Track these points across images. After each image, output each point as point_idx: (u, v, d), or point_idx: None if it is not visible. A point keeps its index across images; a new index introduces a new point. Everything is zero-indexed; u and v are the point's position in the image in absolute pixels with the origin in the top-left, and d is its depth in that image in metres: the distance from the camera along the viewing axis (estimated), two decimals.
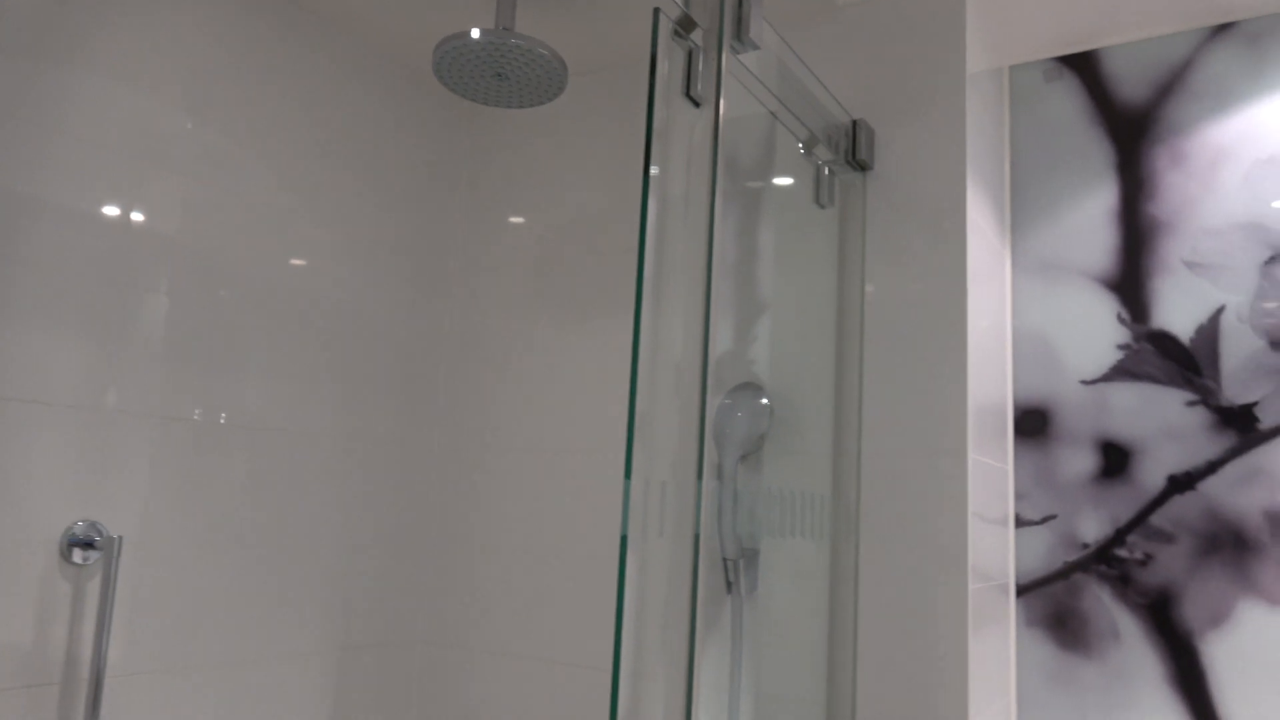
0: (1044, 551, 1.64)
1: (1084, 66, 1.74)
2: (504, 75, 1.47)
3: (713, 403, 1.57)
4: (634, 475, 1.01)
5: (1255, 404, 1.52)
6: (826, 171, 1.50)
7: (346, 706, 1.78)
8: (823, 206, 1.50)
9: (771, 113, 1.42)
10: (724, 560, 1.51)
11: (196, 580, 1.54)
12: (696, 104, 1.15)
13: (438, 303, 2.02)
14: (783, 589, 1.53)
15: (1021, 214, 1.75)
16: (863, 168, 1.54)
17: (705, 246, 1.11)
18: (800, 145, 1.48)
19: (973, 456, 1.48)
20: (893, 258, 1.53)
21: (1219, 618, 1.50)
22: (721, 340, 1.59)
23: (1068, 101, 1.74)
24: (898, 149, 1.55)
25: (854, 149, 1.51)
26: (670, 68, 1.14)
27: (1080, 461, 1.63)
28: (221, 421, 1.60)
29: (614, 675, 0.96)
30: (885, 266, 1.53)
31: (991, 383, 1.63)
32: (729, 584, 1.51)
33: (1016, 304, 1.73)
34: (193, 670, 1.52)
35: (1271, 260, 1.54)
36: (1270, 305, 1.52)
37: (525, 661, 1.81)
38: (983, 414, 1.56)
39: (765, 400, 1.55)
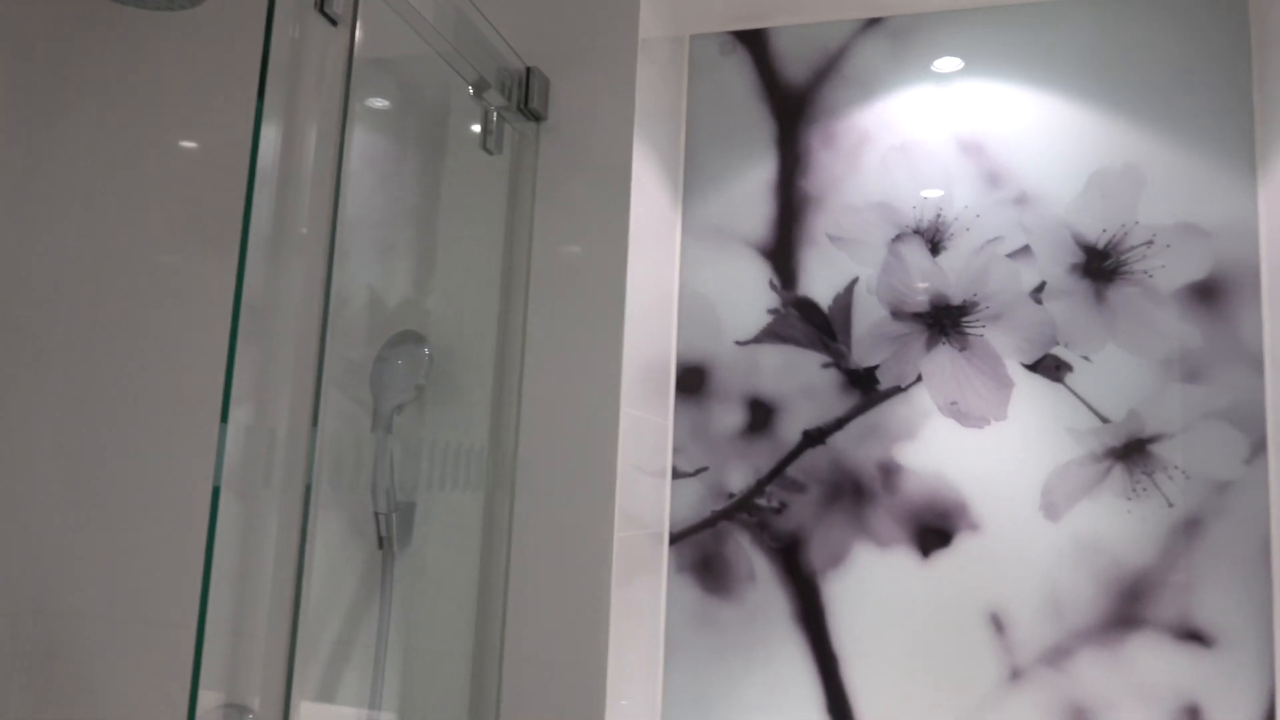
0: (695, 501, 1.74)
1: (755, 44, 1.83)
2: None
3: (370, 350, 1.50)
4: (233, 422, 0.93)
5: (877, 367, 1.69)
6: (496, 117, 1.46)
7: None
8: (491, 153, 1.47)
9: (438, 53, 1.36)
10: (375, 515, 1.45)
11: None
12: (333, 22, 1.07)
13: (55, 232, 1.77)
14: (438, 542, 1.50)
15: (694, 181, 1.82)
16: (536, 118, 1.53)
17: (333, 181, 1.04)
18: (470, 88, 1.43)
19: (632, 412, 1.52)
20: (561, 212, 1.53)
21: (837, 558, 1.66)
22: (385, 286, 1.52)
23: (740, 76, 1.83)
24: (571, 102, 1.55)
25: (527, 97, 1.49)
26: None
27: (731, 417, 1.74)
28: None
29: (199, 636, 0.88)
30: (553, 220, 1.53)
31: (656, 342, 1.69)
32: (380, 539, 1.46)
33: (684, 267, 1.81)
34: None
35: (898, 238, 1.71)
36: (896, 282, 1.69)
37: (149, 627, 1.65)
38: (646, 371, 1.62)
39: (426, 350, 1.50)
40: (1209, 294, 1.56)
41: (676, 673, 1.71)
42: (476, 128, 1.46)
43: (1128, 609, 1.54)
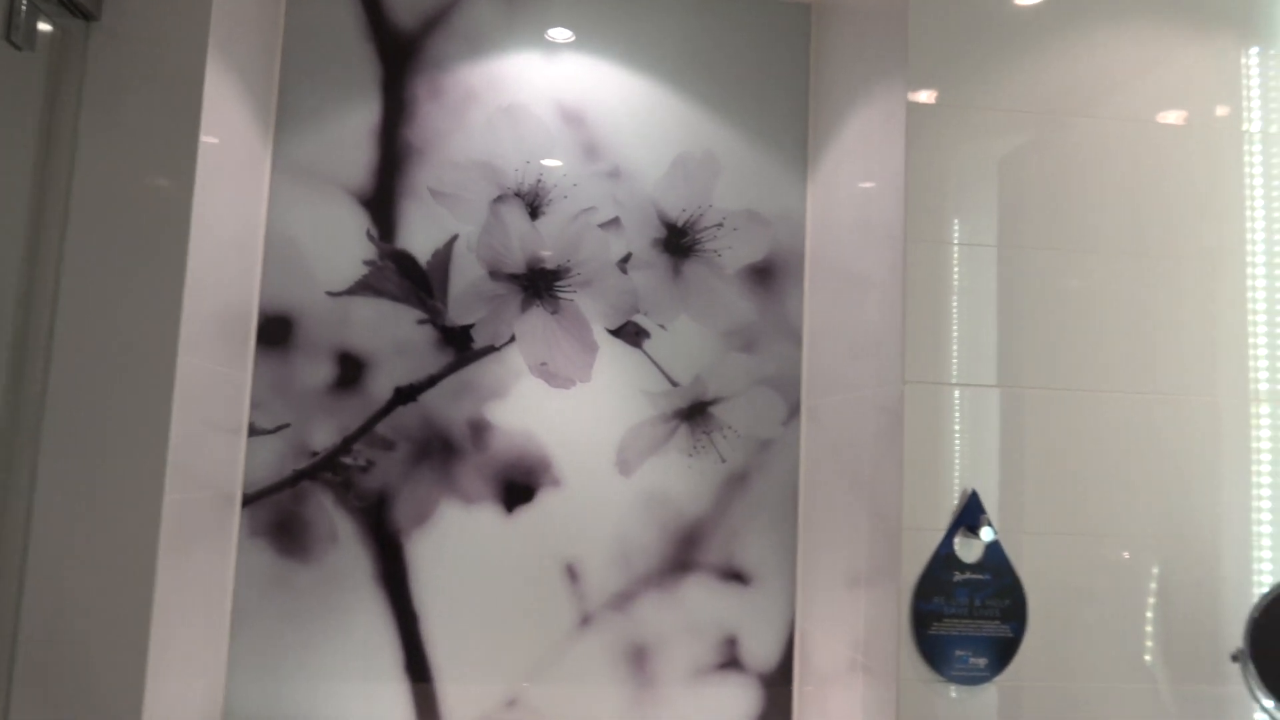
0: (275, 460, 1.63)
1: None
2: None
3: None
4: None
5: (473, 326, 1.69)
6: (26, 5, 1.23)
7: None
8: (19, 47, 1.23)
9: None
10: None
11: None
12: None
13: None
14: None
15: (289, 116, 1.69)
16: (85, 15, 1.31)
17: None
18: None
19: (196, 362, 1.37)
20: (115, 128, 1.33)
21: (423, 517, 1.65)
22: None
23: (345, 11, 1.72)
24: (133, 5, 1.35)
25: None
26: None
27: (319, 371, 1.65)
28: None
29: None
30: (104, 136, 1.33)
31: (234, 287, 1.54)
32: None
33: (274, 208, 1.67)
34: None
35: (499, 199, 1.72)
36: (495, 242, 1.70)
37: None
38: (218, 319, 1.47)
39: None
40: (764, 275, 1.76)
41: (245, 642, 1.59)
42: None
43: (684, 554, 1.70)
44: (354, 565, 1.63)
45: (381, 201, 1.69)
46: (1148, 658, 1.29)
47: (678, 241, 1.75)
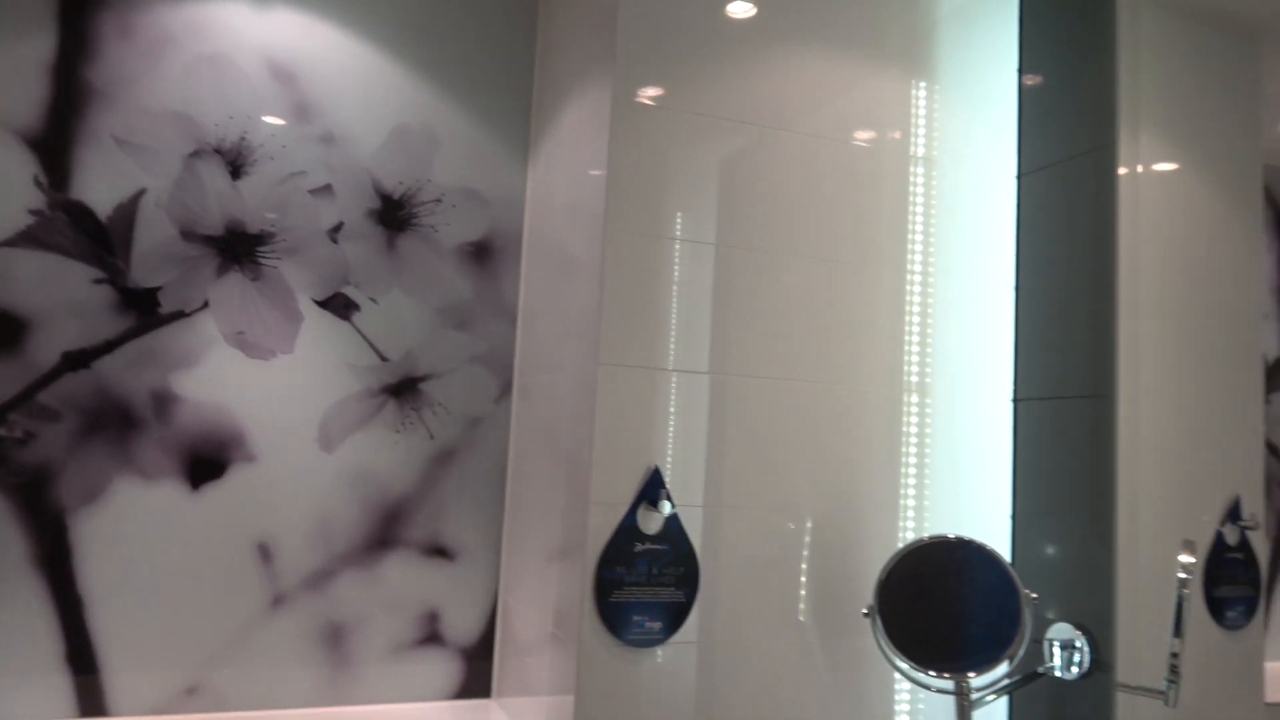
0: None
1: None
2: None
3: None
4: None
5: (160, 289, 1.57)
6: None
7: None
8: None
9: None
10: None
11: None
12: None
13: None
14: None
15: None
16: None
17: None
18: None
19: None
20: None
21: (93, 494, 1.52)
22: None
23: None
24: None
25: None
26: None
27: None
28: None
29: None
30: None
31: None
32: None
33: None
34: None
35: (196, 154, 1.60)
36: (190, 200, 1.59)
37: None
38: None
39: None
40: (482, 254, 1.78)
41: None
42: None
43: (387, 531, 1.68)
44: (4, 548, 1.46)
45: (54, 146, 1.52)
46: (801, 618, 1.44)
47: (393, 214, 1.72)
